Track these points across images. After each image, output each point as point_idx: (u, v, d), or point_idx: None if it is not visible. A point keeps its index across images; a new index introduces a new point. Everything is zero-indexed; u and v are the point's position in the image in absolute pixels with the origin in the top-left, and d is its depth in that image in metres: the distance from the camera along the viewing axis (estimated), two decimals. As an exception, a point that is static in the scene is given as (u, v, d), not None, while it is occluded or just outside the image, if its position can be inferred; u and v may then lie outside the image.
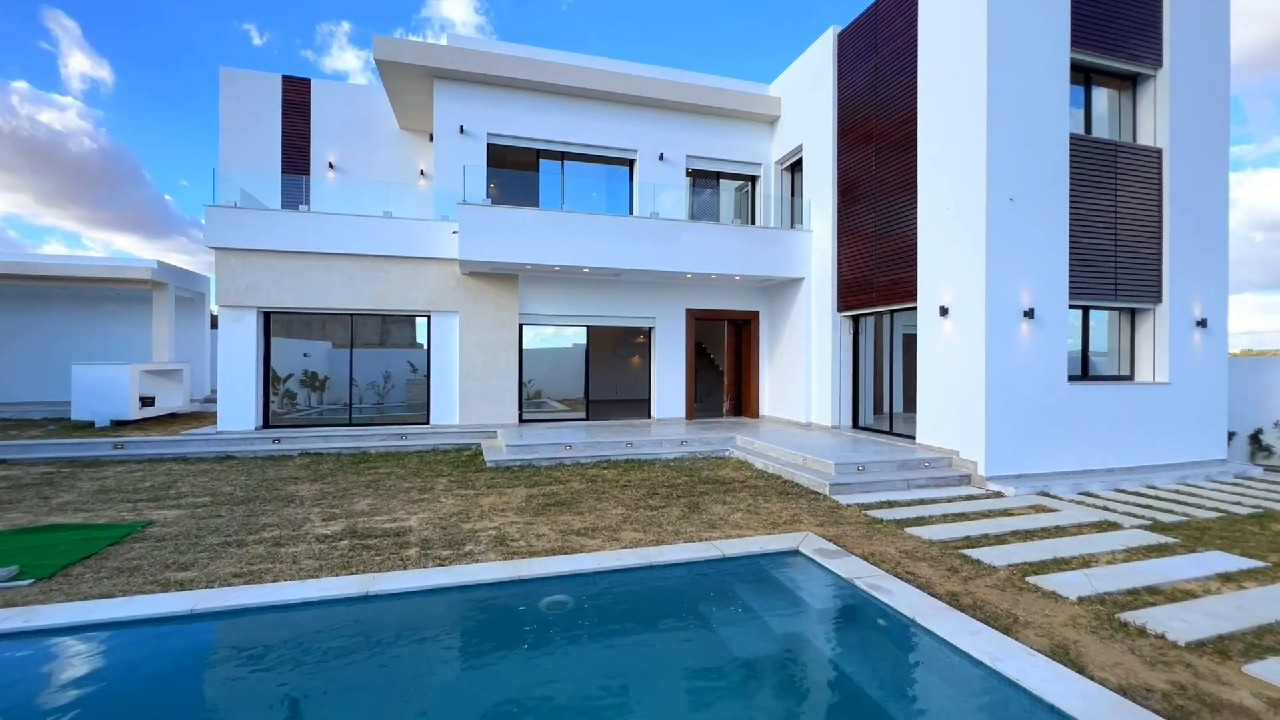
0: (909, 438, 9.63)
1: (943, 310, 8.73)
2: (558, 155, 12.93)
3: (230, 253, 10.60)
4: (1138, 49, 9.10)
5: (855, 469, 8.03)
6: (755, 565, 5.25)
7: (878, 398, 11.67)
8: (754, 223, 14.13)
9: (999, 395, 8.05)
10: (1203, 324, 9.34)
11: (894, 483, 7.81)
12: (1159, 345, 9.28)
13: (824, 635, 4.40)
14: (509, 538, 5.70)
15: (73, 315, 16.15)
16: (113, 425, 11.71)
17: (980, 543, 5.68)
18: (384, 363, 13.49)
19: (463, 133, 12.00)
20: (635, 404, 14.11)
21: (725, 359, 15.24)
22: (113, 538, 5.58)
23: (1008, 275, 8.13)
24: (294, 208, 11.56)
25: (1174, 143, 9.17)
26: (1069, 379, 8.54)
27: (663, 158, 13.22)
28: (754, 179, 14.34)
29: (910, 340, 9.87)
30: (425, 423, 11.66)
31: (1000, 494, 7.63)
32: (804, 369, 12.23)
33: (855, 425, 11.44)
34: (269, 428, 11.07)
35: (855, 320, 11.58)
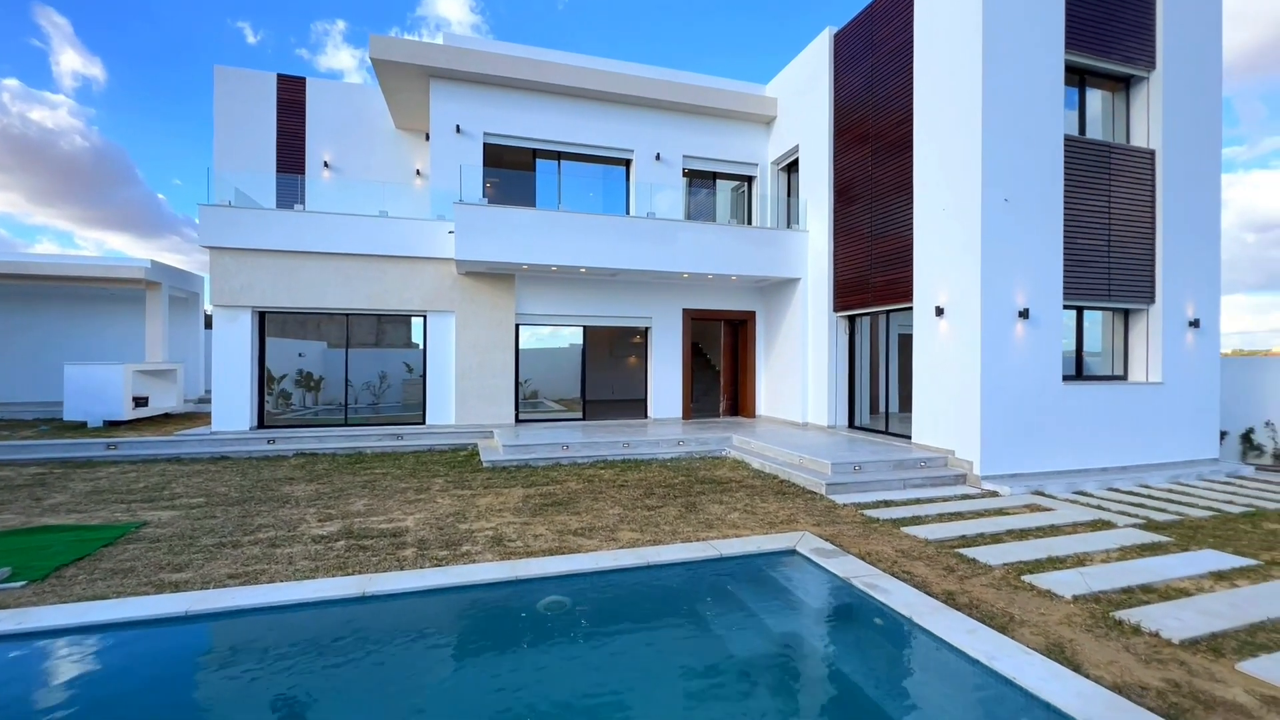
0: (905, 437, 9.66)
1: (938, 310, 8.77)
2: (554, 155, 12.92)
3: (225, 252, 10.54)
4: (1131, 51, 9.16)
5: (851, 469, 8.06)
6: (752, 565, 5.26)
7: (873, 397, 11.70)
8: (750, 223, 14.15)
9: (994, 395, 8.10)
10: (1195, 324, 9.41)
11: (890, 482, 7.84)
12: (1152, 345, 9.34)
13: (821, 634, 4.41)
14: (506, 538, 5.69)
15: (65, 315, 16.03)
16: (106, 426, 11.63)
17: (976, 542, 5.71)
18: (380, 363, 13.45)
19: (459, 132, 11.98)
20: (632, 404, 14.12)
21: (722, 359, 15.26)
22: (106, 539, 5.54)
23: (1003, 275, 8.17)
24: (289, 207, 11.49)
25: (1167, 144, 9.24)
26: (1063, 379, 8.60)
27: (659, 158, 13.22)
28: (750, 179, 14.36)
29: (906, 340, 9.92)
30: (421, 423, 11.63)
31: (995, 493, 7.67)
32: (800, 369, 12.26)
33: (851, 425, 11.48)
34: (264, 428, 11.02)
35: (851, 320, 11.61)
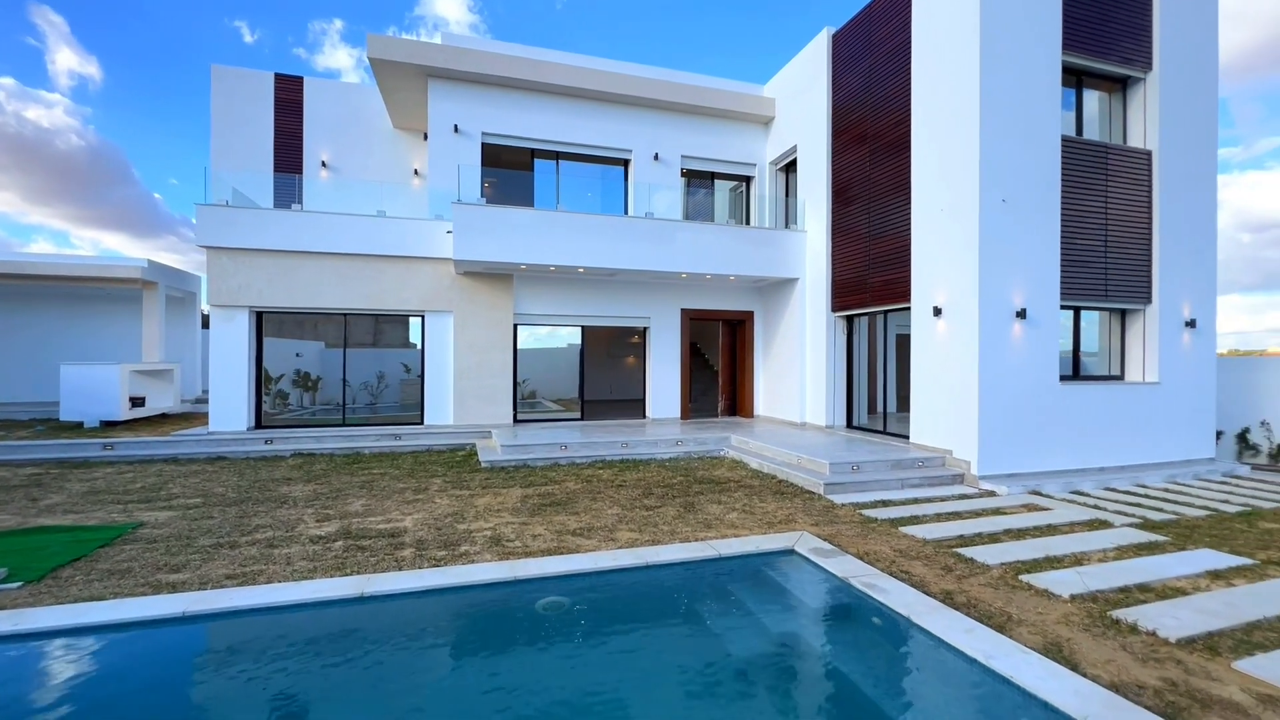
0: (903, 437, 9.68)
1: (936, 311, 8.79)
2: (553, 155, 12.91)
3: (222, 252, 10.52)
4: (1128, 52, 9.19)
5: (850, 468, 8.07)
6: (751, 565, 5.26)
7: (871, 397, 11.71)
8: (748, 223, 14.16)
9: (992, 395, 8.11)
10: (1191, 324, 9.45)
11: (888, 482, 7.85)
12: (1149, 345, 9.38)
13: (820, 634, 4.42)
14: (504, 538, 5.69)
15: (61, 315, 15.95)
16: (102, 426, 11.59)
17: (974, 541, 5.72)
18: (377, 363, 13.41)
19: (457, 132, 11.96)
20: (630, 404, 14.11)
21: (720, 359, 15.27)
22: (103, 540, 5.52)
23: (1000, 276, 8.19)
24: (286, 207, 11.47)
25: (1163, 145, 9.27)
26: (1060, 379, 8.63)
27: (658, 158, 13.22)
28: (749, 179, 14.37)
29: (904, 340, 9.93)
30: (419, 423, 11.62)
31: (993, 493, 7.68)
32: (798, 369, 12.28)
33: (849, 425, 11.49)
34: (261, 428, 10.99)
35: (849, 320, 11.62)
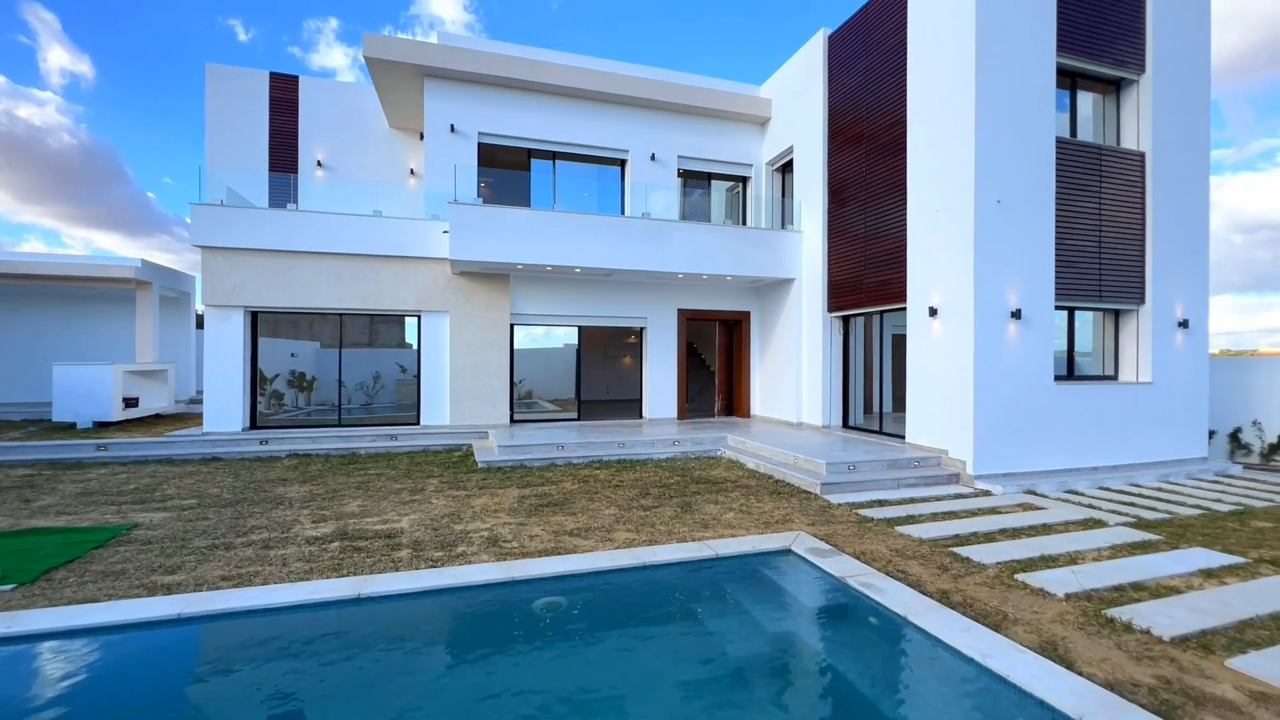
0: (898, 437, 9.71)
1: (932, 311, 8.82)
2: (549, 155, 12.90)
3: (217, 251, 10.46)
4: (1122, 54, 9.25)
5: (846, 468, 8.09)
6: (748, 564, 5.27)
7: (867, 397, 11.76)
8: (745, 223, 14.18)
9: (987, 395, 8.15)
10: (1184, 325, 9.52)
11: (884, 482, 7.88)
12: (1142, 345, 9.44)
13: (817, 634, 4.43)
14: (502, 539, 5.68)
15: (54, 315, 15.84)
16: (95, 427, 11.50)
17: (969, 541, 5.75)
18: (373, 363, 13.37)
19: (453, 131, 11.94)
20: (627, 404, 14.10)
21: (717, 359, 15.29)
22: (97, 541, 5.49)
23: (996, 276, 8.23)
24: (282, 206, 11.42)
25: (1156, 146, 9.33)
26: (1055, 379, 8.67)
27: (654, 158, 13.22)
28: (745, 180, 14.40)
29: (899, 340, 9.97)
30: (415, 423, 11.58)
31: (988, 492, 7.72)
32: (795, 369, 12.30)
33: (845, 425, 11.53)
34: (256, 429, 10.94)
35: (845, 320, 11.66)
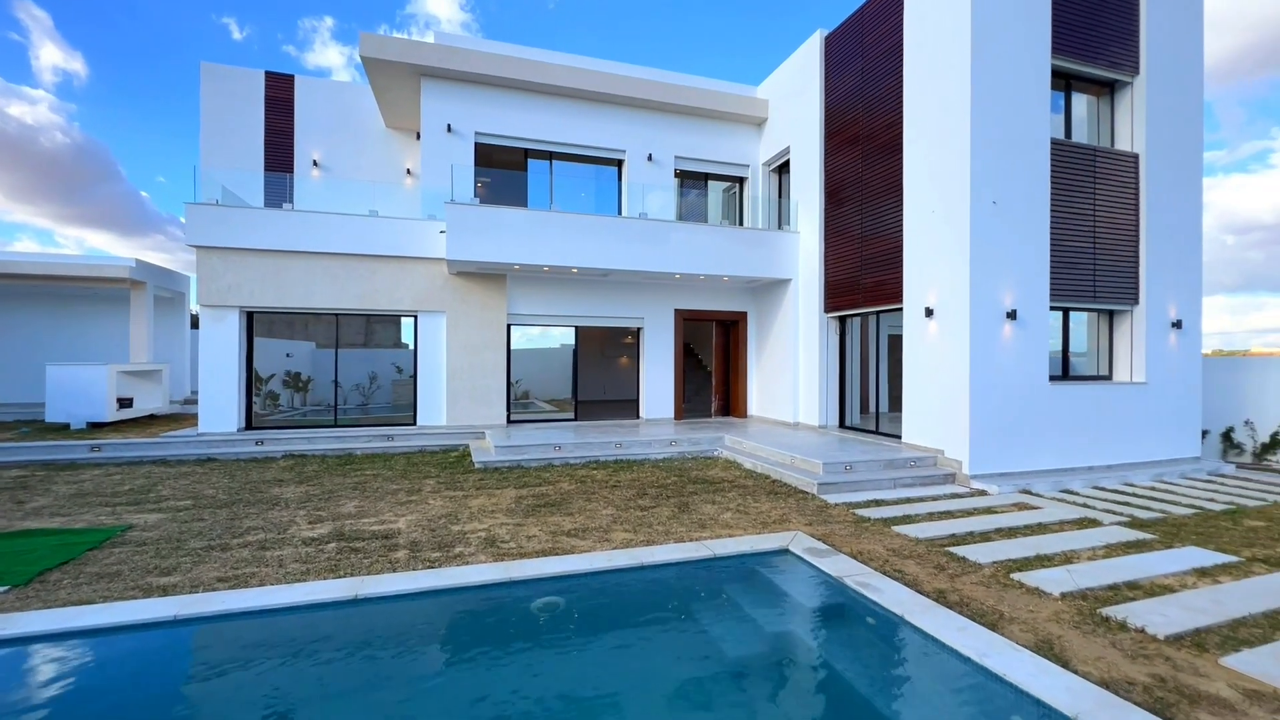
0: (895, 437, 9.75)
1: (928, 311, 8.86)
2: (546, 155, 12.89)
3: (212, 251, 10.41)
4: (1116, 56, 9.31)
5: (843, 468, 8.11)
6: (745, 564, 5.29)
7: (864, 398, 11.79)
8: (742, 224, 14.20)
9: (982, 395, 8.19)
10: (1178, 325, 9.58)
11: (881, 482, 7.91)
12: (1136, 346, 9.50)
13: (814, 633, 4.44)
14: (499, 539, 5.67)
15: (47, 315, 15.74)
16: (89, 427, 11.43)
17: (965, 540, 5.77)
18: (369, 363, 13.33)
19: (450, 131, 11.91)
20: (624, 404, 14.10)
21: (713, 359, 15.30)
22: (91, 543, 5.45)
23: (991, 277, 8.27)
24: (277, 206, 11.37)
25: (1150, 148, 9.39)
26: (1050, 379, 8.72)
27: (651, 158, 13.23)
28: (742, 180, 14.42)
29: (895, 341, 10.00)
30: (412, 424, 11.55)
31: (984, 492, 7.75)
32: (791, 369, 12.33)
33: (842, 425, 11.55)
34: (251, 429, 10.89)
35: (842, 321, 11.69)
